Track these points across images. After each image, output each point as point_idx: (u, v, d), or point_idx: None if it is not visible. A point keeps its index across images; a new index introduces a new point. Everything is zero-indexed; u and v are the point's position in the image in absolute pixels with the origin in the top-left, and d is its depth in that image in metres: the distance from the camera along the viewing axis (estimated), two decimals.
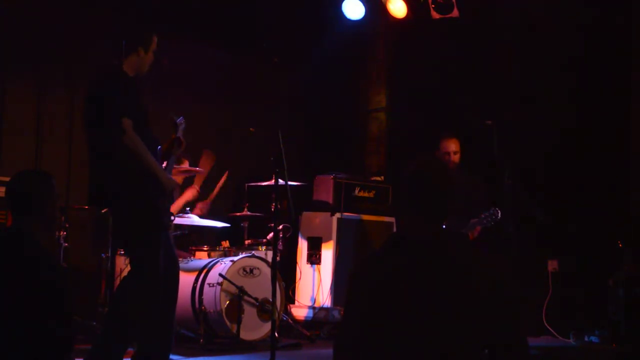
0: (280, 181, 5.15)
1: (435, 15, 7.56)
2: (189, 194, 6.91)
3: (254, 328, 6.04)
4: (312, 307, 7.27)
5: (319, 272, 7.35)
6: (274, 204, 5.28)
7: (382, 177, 8.01)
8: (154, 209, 4.37)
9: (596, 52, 7.29)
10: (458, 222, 6.29)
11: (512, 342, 2.62)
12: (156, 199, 4.37)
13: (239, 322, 5.80)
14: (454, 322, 2.55)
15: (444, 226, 2.84)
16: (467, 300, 2.56)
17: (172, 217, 6.20)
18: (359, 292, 2.72)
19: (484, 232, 6.38)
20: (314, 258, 7.40)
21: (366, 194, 7.64)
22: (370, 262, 2.79)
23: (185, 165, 6.58)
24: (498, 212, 6.17)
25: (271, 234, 6.34)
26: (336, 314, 7.09)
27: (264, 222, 6.93)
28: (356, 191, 7.57)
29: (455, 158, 6.55)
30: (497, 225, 6.28)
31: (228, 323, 5.88)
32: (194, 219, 6.52)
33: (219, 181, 7.34)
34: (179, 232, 6.50)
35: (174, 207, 6.38)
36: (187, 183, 7.03)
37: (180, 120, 4.81)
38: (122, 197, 4.34)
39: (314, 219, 7.51)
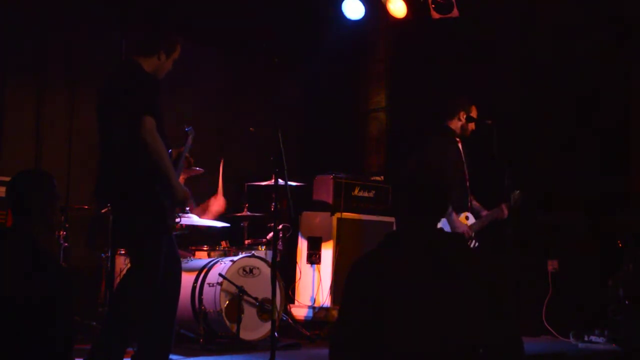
0: (280, 181, 5.15)
1: (435, 15, 7.56)
2: (219, 206, 6.83)
3: (254, 328, 6.03)
4: (312, 307, 7.27)
5: (319, 272, 7.35)
6: (274, 204, 5.27)
7: (382, 177, 8.01)
8: (161, 210, 4.35)
9: (596, 51, 7.29)
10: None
11: (507, 341, 2.62)
12: (164, 200, 4.35)
13: (238, 322, 5.79)
14: (449, 321, 2.56)
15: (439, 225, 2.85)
16: (463, 300, 2.57)
17: (178, 219, 6.23)
18: (355, 291, 2.72)
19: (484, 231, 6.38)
20: (314, 258, 7.40)
21: (366, 194, 7.63)
22: (366, 261, 2.79)
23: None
24: None
25: (271, 234, 6.34)
26: (336, 313, 7.09)
27: (264, 222, 6.92)
28: (356, 191, 7.57)
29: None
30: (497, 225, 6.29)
31: (228, 323, 5.88)
32: (193, 219, 6.51)
33: (219, 175, 7.27)
34: (178, 232, 6.50)
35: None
36: (187, 186, 6.96)
37: (189, 129, 4.80)
38: (129, 196, 4.32)
39: (313, 219, 7.50)
